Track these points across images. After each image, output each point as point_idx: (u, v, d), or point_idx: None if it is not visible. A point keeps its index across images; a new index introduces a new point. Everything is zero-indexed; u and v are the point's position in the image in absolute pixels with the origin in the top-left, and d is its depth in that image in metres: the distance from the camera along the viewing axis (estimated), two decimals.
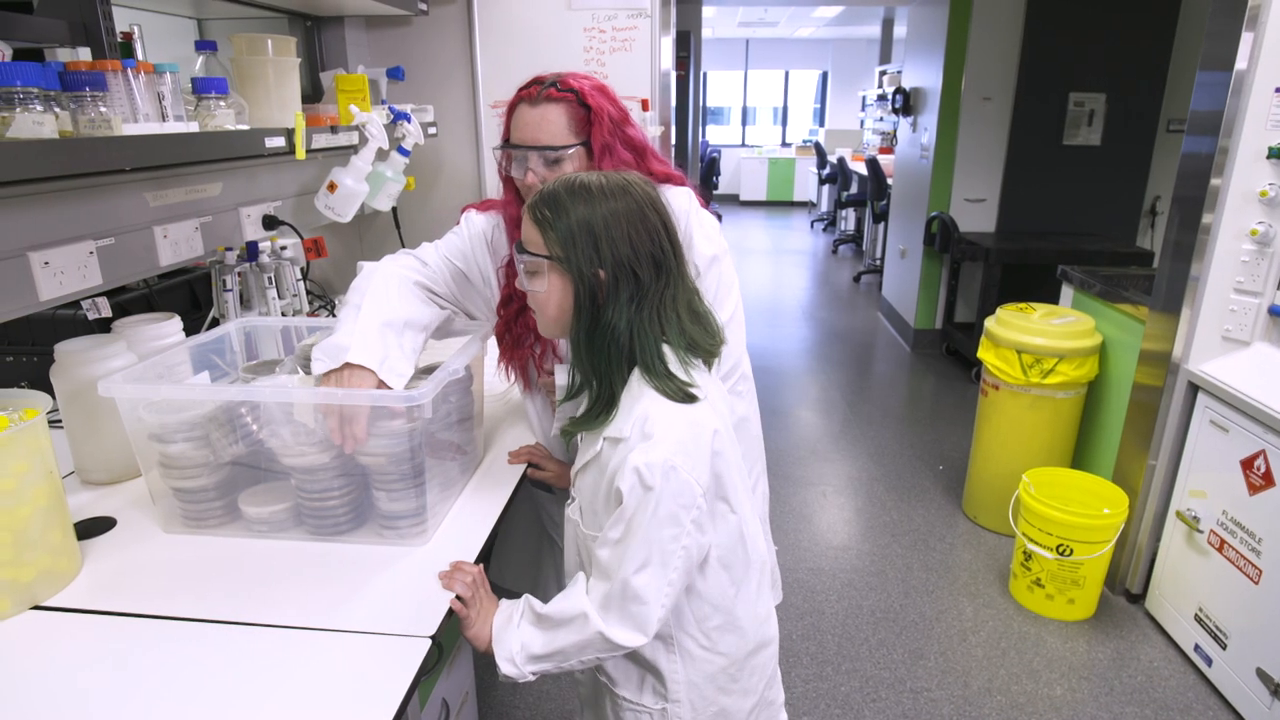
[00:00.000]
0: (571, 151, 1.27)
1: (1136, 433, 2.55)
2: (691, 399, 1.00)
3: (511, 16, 2.61)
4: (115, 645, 1.00)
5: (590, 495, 1.07)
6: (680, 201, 1.30)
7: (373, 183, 2.14)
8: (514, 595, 1.86)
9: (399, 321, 1.26)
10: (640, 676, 1.14)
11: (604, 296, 1.01)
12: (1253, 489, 2.09)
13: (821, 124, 12.48)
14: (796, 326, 5.92)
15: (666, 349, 1.03)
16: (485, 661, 1.11)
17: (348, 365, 1.17)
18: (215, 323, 1.90)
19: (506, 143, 1.31)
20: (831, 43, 11.94)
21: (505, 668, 1.06)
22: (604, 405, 1.04)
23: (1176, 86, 4.54)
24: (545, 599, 1.93)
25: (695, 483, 0.98)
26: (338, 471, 1.22)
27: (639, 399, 1.00)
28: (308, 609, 1.06)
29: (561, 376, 1.32)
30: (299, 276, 2.12)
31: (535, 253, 1.03)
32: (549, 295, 1.04)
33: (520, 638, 1.07)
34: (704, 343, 1.07)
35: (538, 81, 1.29)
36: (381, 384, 1.20)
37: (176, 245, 1.62)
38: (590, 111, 1.27)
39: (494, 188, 2.76)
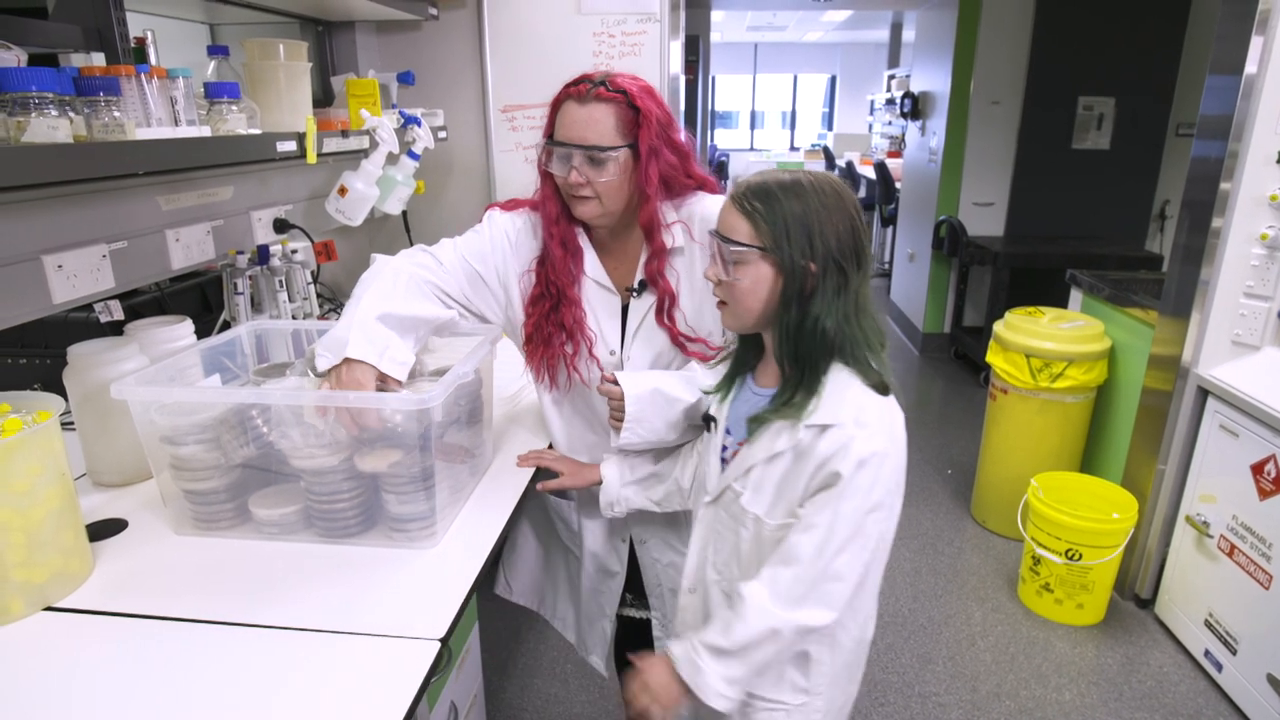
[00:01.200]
0: (618, 153, 1.25)
1: (1146, 437, 2.54)
2: (888, 391, 1.04)
3: (521, 21, 2.62)
4: (126, 646, 1.00)
5: (778, 484, 1.07)
6: (718, 209, 1.30)
7: (383, 187, 2.15)
8: (523, 609, 1.83)
9: (398, 314, 1.25)
10: (780, 671, 1.13)
11: (812, 288, 1.02)
12: (1263, 494, 2.08)
13: (830, 128, 12.47)
14: None
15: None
16: (494, 663, 1.11)
17: (347, 360, 1.17)
18: (226, 326, 1.91)
19: (550, 139, 1.29)
20: (840, 47, 11.93)
21: (720, 705, 1.05)
22: (806, 394, 1.05)
23: (1186, 90, 4.52)
24: (554, 607, 1.89)
25: (901, 471, 1.03)
26: (347, 474, 1.22)
27: (846, 388, 1.03)
28: (317, 611, 1.07)
29: (627, 385, 1.30)
30: (309, 280, 2.13)
31: (746, 244, 1.03)
32: (754, 286, 1.04)
33: (717, 677, 1.05)
34: (882, 337, 1.10)
35: (586, 79, 1.26)
36: (383, 376, 1.20)
37: (188, 248, 1.64)
38: (639, 114, 1.25)
39: (503, 190, 2.78)
